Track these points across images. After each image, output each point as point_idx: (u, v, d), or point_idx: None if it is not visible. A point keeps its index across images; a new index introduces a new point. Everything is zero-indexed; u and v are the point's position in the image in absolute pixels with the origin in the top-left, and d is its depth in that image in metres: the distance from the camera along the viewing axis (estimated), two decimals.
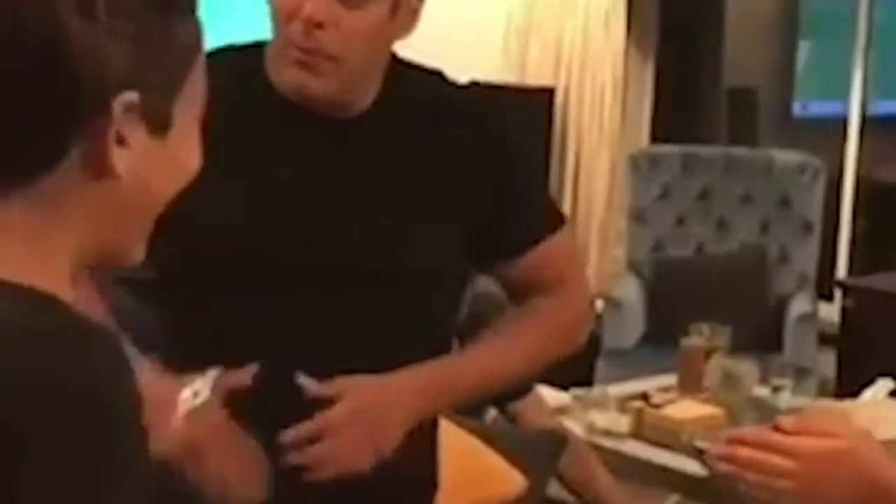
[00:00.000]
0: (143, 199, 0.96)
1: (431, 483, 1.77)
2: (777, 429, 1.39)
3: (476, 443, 2.59)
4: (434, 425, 1.75)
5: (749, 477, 1.39)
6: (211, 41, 1.07)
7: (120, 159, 0.92)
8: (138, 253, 0.99)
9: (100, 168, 0.91)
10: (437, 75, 1.72)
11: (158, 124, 0.94)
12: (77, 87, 0.89)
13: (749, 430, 1.45)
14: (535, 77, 5.96)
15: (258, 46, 1.67)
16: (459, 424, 2.45)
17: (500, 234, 1.72)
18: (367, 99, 1.63)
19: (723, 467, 1.41)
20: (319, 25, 1.54)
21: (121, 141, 0.91)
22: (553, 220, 1.79)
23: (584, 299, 1.83)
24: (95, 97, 0.90)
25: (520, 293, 1.78)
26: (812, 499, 1.38)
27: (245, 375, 1.51)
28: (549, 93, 5.85)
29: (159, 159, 0.95)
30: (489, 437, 2.61)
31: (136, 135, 0.92)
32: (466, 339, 1.80)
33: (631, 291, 5.25)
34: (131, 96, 0.91)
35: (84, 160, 0.91)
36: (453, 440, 1.79)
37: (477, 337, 1.77)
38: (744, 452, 1.39)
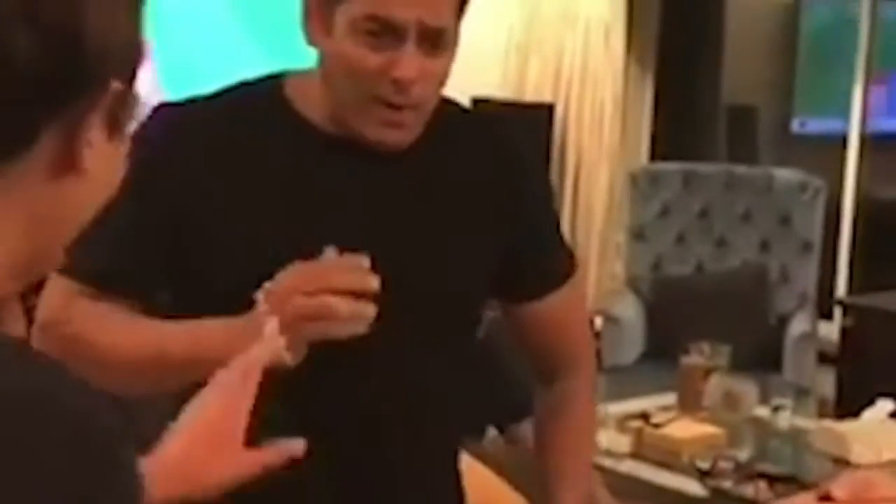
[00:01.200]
0: (89, 203, 0.92)
1: None
2: (827, 497, 1.35)
3: (483, 469, 2.58)
4: (456, 455, 1.75)
5: None
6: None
7: (87, 158, 0.88)
8: (59, 261, 0.95)
9: (67, 162, 0.88)
10: (466, 111, 1.72)
11: (114, 125, 0.90)
12: (80, 63, 0.86)
13: (804, 502, 1.40)
14: (535, 93, 5.96)
15: (267, 80, 1.63)
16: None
17: (522, 273, 1.72)
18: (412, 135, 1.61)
19: None
20: (412, 81, 1.51)
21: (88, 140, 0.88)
22: (570, 267, 1.81)
23: (593, 354, 1.87)
24: (98, 73, 0.87)
25: (540, 348, 1.80)
26: None
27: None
28: (548, 109, 5.85)
29: (108, 162, 0.91)
30: (489, 460, 2.60)
31: (98, 135, 0.89)
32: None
33: (630, 309, 5.24)
34: (117, 86, 0.88)
35: (53, 152, 0.87)
36: (464, 467, 1.78)
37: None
38: None
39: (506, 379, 2.90)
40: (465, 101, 1.76)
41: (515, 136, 1.77)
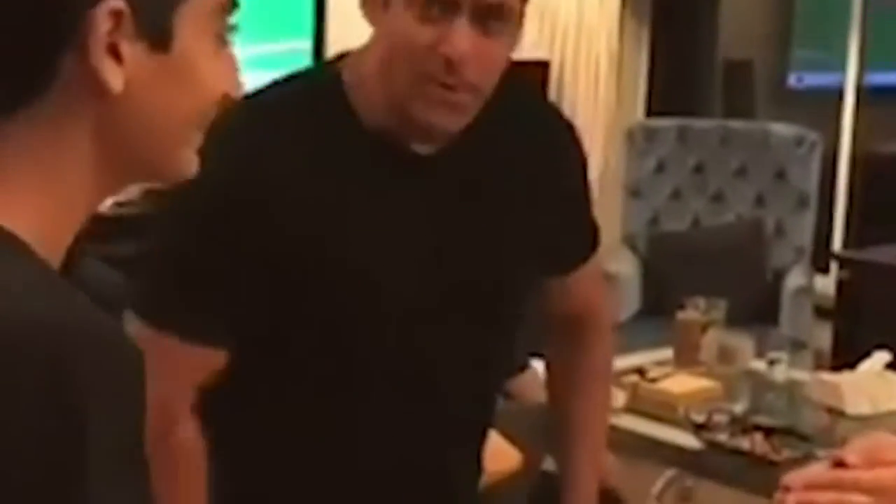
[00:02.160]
0: (157, 117, 0.92)
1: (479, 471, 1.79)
2: (841, 464, 1.34)
3: None
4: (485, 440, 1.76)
5: None
6: None
7: (114, 75, 0.89)
8: (186, 166, 0.96)
9: (94, 85, 0.89)
10: (507, 95, 1.65)
11: (157, 38, 0.90)
12: None
13: (818, 473, 1.38)
14: (530, 50, 5.93)
15: (326, 70, 1.59)
16: None
17: (556, 251, 1.72)
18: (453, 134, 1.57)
19: None
20: (462, 59, 1.45)
21: (115, 56, 0.88)
22: (595, 241, 1.81)
23: (610, 319, 1.94)
24: (77, 3, 0.87)
25: (561, 313, 1.82)
26: None
27: None
28: (543, 66, 5.82)
29: (165, 75, 0.91)
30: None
31: (135, 50, 0.89)
32: None
33: (626, 265, 5.24)
34: (116, 4, 0.87)
35: (78, 77, 0.88)
36: None
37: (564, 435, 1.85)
38: (825, 497, 1.32)
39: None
40: None
41: (560, 131, 1.73)
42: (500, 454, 2.51)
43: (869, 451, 1.35)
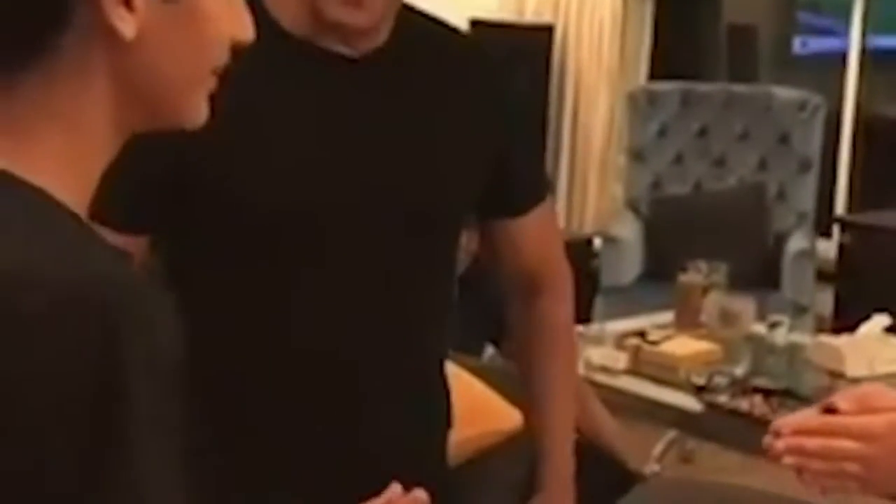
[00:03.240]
0: (169, 64, 0.94)
1: (447, 420, 1.80)
2: (831, 410, 1.34)
3: (473, 380, 2.61)
4: (443, 365, 1.78)
5: (816, 465, 1.33)
6: None
7: (126, 23, 0.90)
8: (197, 113, 0.98)
9: (107, 34, 0.90)
10: (441, 24, 1.72)
11: None
12: None
13: (808, 418, 1.38)
14: (534, 14, 5.93)
15: None
16: (457, 362, 2.47)
17: (505, 188, 1.73)
18: (381, 37, 1.61)
19: (788, 460, 1.34)
20: None
21: (127, 4, 0.90)
22: (545, 186, 1.84)
23: (568, 276, 1.87)
24: None
25: (516, 270, 1.81)
26: (881, 475, 1.33)
27: None
28: (547, 30, 5.82)
29: (176, 21, 0.93)
30: (486, 375, 2.63)
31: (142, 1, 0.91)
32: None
33: (629, 229, 5.25)
34: None
35: (91, 27, 0.90)
36: (451, 378, 1.80)
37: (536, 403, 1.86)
38: (813, 442, 1.33)
39: (501, 298, 2.92)
40: (463, 23, 1.77)
41: (502, 58, 1.77)
42: (501, 413, 2.53)
43: (859, 398, 1.36)
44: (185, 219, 1.58)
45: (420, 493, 1.22)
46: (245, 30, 1.00)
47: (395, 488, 1.22)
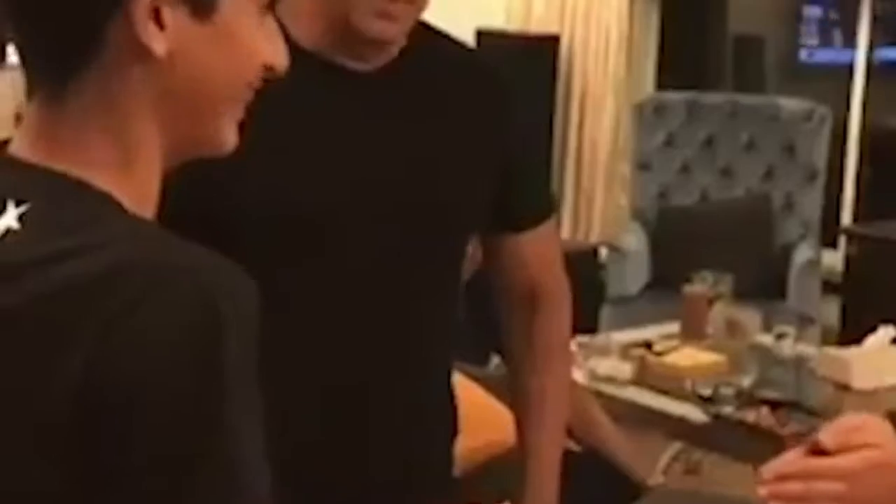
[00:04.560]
0: (203, 85, 0.96)
1: (453, 429, 1.79)
2: (818, 451, 1.37)
3: (479, 390, 2.60)
4: (448, 373, 1.77)
5: None
6: None
7: (157, 41, 0.92)
8: (228, 140, 1.01)
9: (138, 51, 0.92)
10: (449, 38, 1.72)
11: (200, 4, 0.94)
12: None
13: (789, 462, 1.41)
14: (540, 24, 5.92)
15: None
16: (462, 372, 2.46)
17: (511, 203, 1.74)
18: (394, 52, 1.62)
19: None
20: None
21: (158, 21, 0.92)
22: (550, 204, 1.84)
23: (567, 293, 1.87)
24: None
25: (515, 284, 1.81)
26: None
27: None
28: (553, 40, 5.82)
29: (209, 42, 0.95)
30: (491, 385, 2.62)
31: (177, 15, 0.93)
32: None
33: (635, 239, 5.24)
34: None
35: (125, 44, 0.92)
36: (457, 387, 1.80)
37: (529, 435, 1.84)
38: (794, 486, 1.36)
39: None
40: (469, 33, 1.77)
41: (507, 71, 1.77)
42: (505, 423, 2.52)
43: (844, 433, 1.38)
44: (194, 228, 1.57)
45: None
46: (279, 57, 1.02)
47: None
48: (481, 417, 2.43)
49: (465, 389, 2.33)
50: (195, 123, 0.98)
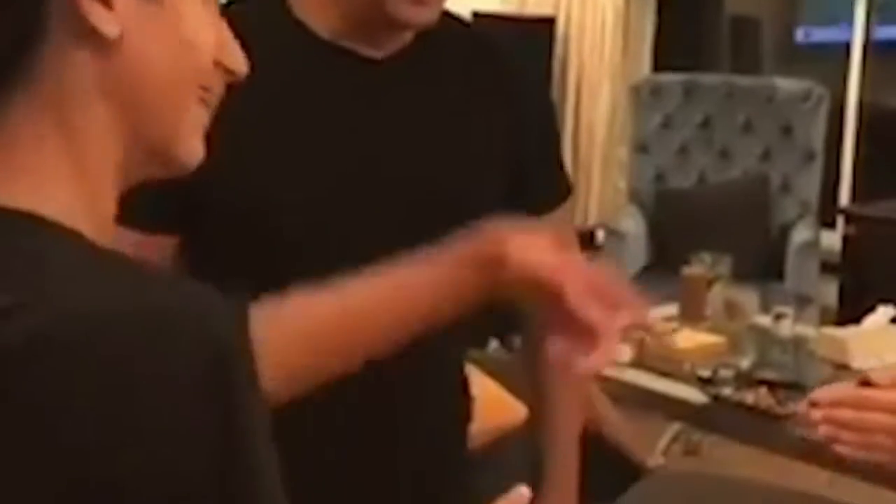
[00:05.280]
0: (153, 71, 0.90)
1: (467, 415, 1.80)
2: (867, 384, 1.38)
3: (480, 374, 2.60)
4: (462, 359, 1.77)
5: (846, 437, 1.38)
6: None
7: (107, 22, 0.87)
8: (191, 148, 0.94)
9: (87, 35, 0.87)
10: (460, 21, 1.72)
11: None
12: None
13: (844, 390, 1.42)
14: (536, 6, 5.91)
15: None
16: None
17: (521, 188, 1.73)
18: (407, 38, 1.61)
19: (823, 431, 1.39)
20: None
21: (104, 2, 0.87)
22: (567, 188, 1.83)
23: None
24: None
25: None
26: None
27: None
28: (549, 23, 5.81)
29: (157, 23, 0.90)
30: (491, 368, 2.63)
31: None
32: None
33: (633, 222, 5.24)
34: None
35: (68, 29, 0.86)
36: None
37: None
38: (845, 414, 1.37)
39: None
40: (465, 15, 1.77)
41: (514, 52, 1.76)
42: (506, 406, 2.53)
43: (894, 374, 1.39)
44: (208, 220, 1.57)
45: None
46: (236, 60, 0.97)
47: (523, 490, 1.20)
48: (483, 401, 2.43)
49: (470, 373, 2.33)
50: (151, 121, 0.91)
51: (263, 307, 1.07)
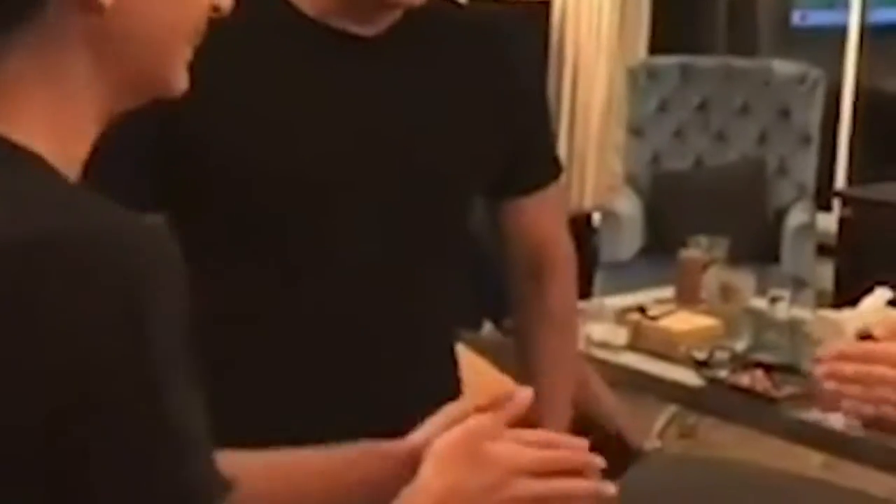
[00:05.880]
0: (151, 29, 0.94)
1: (455, 395, 1.80)
2: (867, 338, 1.38)
3: (474, 355, 2.60)
4: (451, 339, 1.77)
5: (852, 391, 1.37)
6: None
7: None
8: (178, 82, 0.97)
9: (84, 2, 0.90)
10: (451, 1, 1.71)
11: None
12: None
13: (848, 344, 1.42)
14: None
15: None
16: (457, 337, 2.46)
17: (511, 166, 1.72)
18: (396, 16, 1.60)
19: (829, 386, 1.38)
20: None
21: None
22: (557, 168, 1.82)
23: (573, 257, 1.86)
24: None
25: (516, 241, 1.81)
26: None
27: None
28: (545, 5, 5.79)
29: None
30: (484, 349, 2.62)
31: None
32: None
33: (629, 205, 5.24)
34: None
35: None
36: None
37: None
38: (849, 367, 1.37)
39: (499, 272, 2.92)
40: None
41: (510, 30, 1.76)
42: (500, 387, 2.52)
43: (894, 327, 1.39)
44: (192, 196, 1.57)
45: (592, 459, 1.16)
46: None
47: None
48: (478, 382, 2.43)
49: (461, 355, 2.33)
50: (143, 68, 0.95)
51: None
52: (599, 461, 1.15)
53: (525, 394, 1.17)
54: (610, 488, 1.16)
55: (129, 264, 0.83)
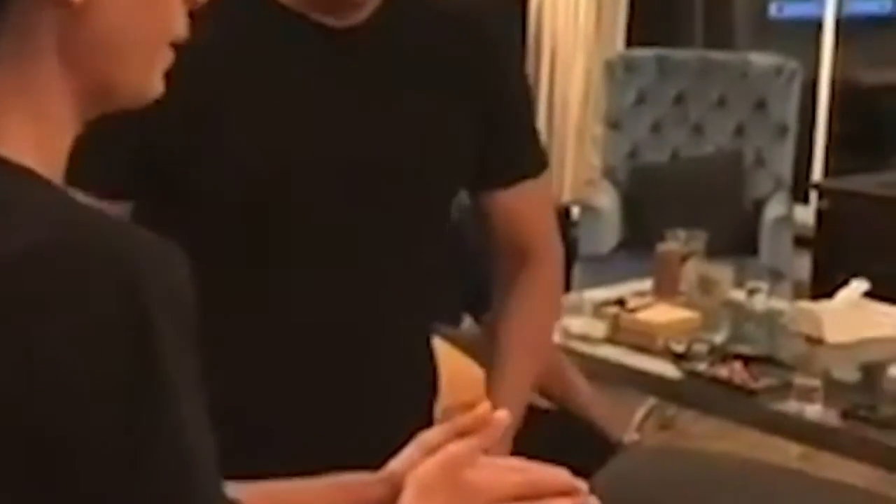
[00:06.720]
0: (124, 34, 0.91)
1: (433, 390, 1.79)
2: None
3: (453, 350, 2.60)
4: (428, 332, 1.76)
5: None
6: None
7: None
8: (151, 88, 0.94)
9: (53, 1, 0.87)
10: None
11: None
12: None
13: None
14: None
15: None
16: (435, 332, 2.46)
17: (492, 157, 1.71)
18: (370, 7, 1.60)
19: None
20: None
21: None
22: (542, 160, 1.80)
23: (560, 252, 1.84)
24: None
25: (501, 234, 1.78)
26: None
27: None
28: None
29: None
30: (464, 344, 2.62)
31: None
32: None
33: (607, 198, 5.24)
34: None
35: None
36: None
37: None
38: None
39: (479, 267, 2.92)
40: None
41: (490, 21, 1.75)
42: (474, 384, 2.52)
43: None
44: (164, 188, 1.57)
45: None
46: None
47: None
48: (456, 378, 2.43)
49: (440, 349, 2.33)
50: (115, 76, 0.92)
51: None
52: (581, 484, 1.13)
53: (501, 415, 1.15)
54: (592, 500, 1.14)
55: (128, 275, 0.81)
